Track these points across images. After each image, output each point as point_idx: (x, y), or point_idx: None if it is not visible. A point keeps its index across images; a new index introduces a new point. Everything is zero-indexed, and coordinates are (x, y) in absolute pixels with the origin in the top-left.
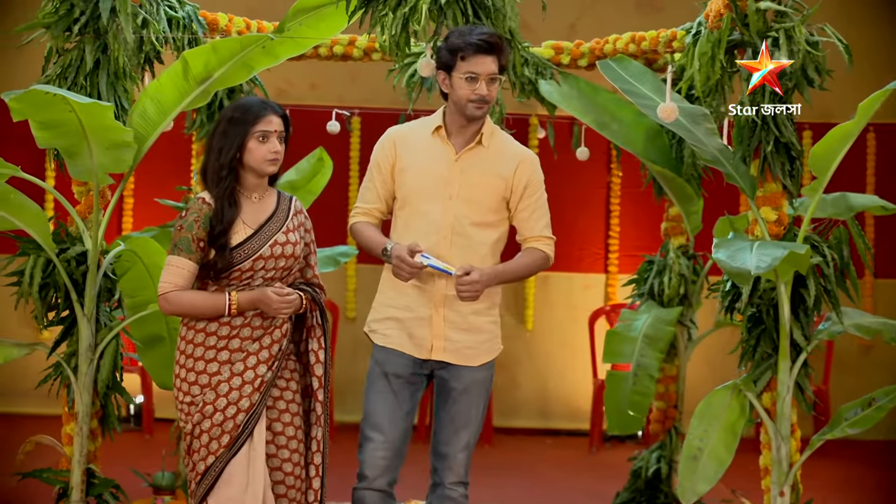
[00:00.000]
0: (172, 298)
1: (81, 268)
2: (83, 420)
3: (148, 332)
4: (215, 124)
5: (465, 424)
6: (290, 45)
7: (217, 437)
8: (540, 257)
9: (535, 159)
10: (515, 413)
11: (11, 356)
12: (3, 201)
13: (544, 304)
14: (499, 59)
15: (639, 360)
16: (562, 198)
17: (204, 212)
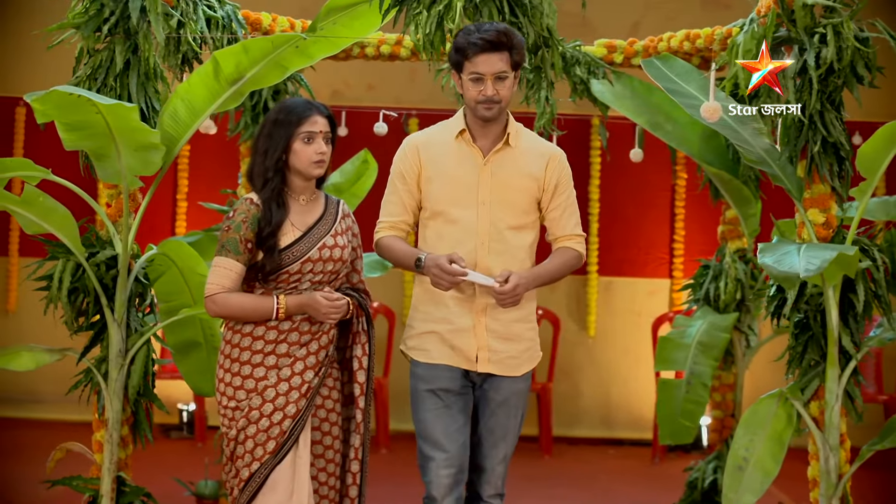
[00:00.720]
0: (220, 300)
1: (111, 272)
2: (113, 427)
3: (183, 337)
4: (260, 126)
5: (503, 436)
6: (325, 45)
7: (263, 444)
8: (574, 256)
9: (563, 156)
10: (577, 422)
11: (43, 361)
12: (30, 204)
13: (607, 310)
14: (509, 55)
15: (692, 367)
16: (625, 201)
17: (252, 213)
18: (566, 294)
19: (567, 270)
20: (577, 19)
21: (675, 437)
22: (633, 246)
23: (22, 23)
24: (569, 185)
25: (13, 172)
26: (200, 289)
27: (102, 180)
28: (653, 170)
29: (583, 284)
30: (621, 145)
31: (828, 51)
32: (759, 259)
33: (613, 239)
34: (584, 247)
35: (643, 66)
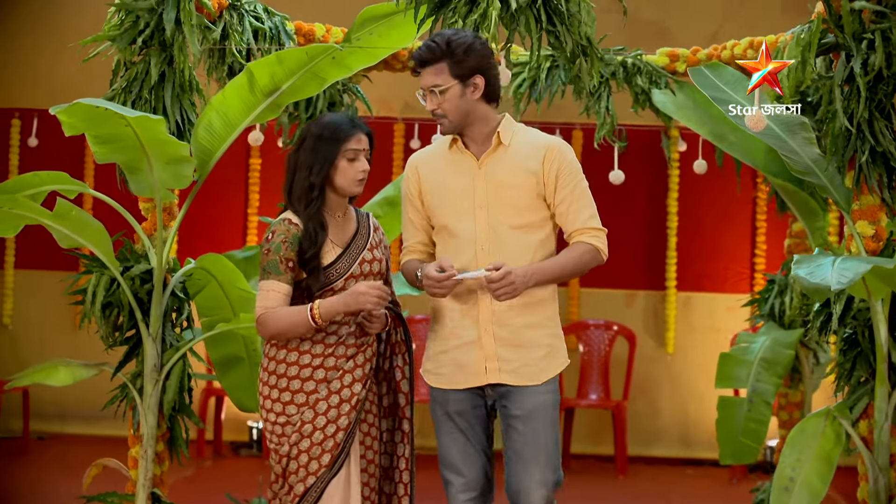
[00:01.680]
0: (264, 320)
1: (146, 286)
2: (148, 443)
3: (226, 352)
4: (299, 141)
5: (534, 457)
6: (362, 56)
7: (317, 457)
8: (586, 250)
9: (563, 145)
10: (655, 441)
11: (80, 376)
12: (64, 218)
13: (686, 326)
14: (447, 65)
15: (754, 385)
16: (704, 214)
17: (292, 233)
18: (643, 310)
19: (580, 266)
20: (656, 27)
21: (736, 457)
22: (713, 260)
23: (20, 35)
24: (573, 177)
25: (50, 186)
26: (241, 303)
27: (136, 193)
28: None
29: (661, 300)
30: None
31: (876, 57)
32: (793, 271)
33: (692, 253)
34: (602, 241)
35: (689, 75)
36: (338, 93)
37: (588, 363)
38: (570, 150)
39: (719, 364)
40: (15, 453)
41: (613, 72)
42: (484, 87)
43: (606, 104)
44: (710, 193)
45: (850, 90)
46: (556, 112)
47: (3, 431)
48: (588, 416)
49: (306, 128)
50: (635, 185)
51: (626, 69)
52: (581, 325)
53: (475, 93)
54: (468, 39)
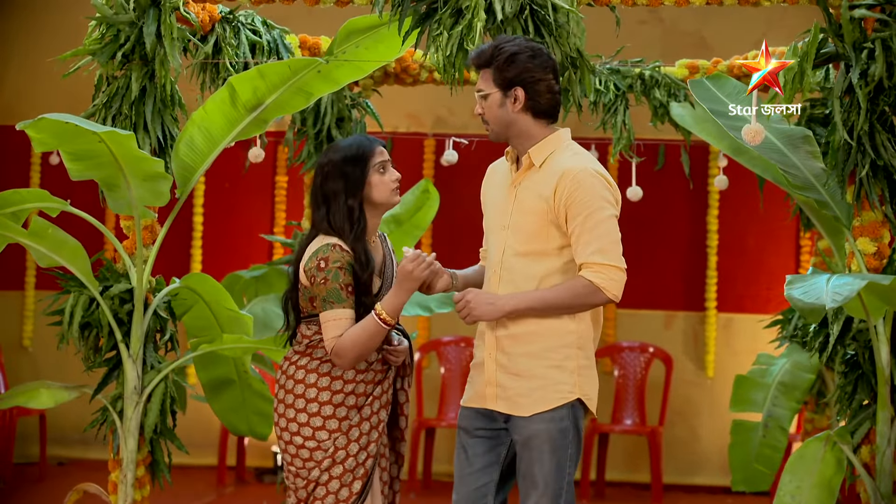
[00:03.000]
0: (338, 350)
1: (126, 306)
2: (127, 467)
3: (215, 374)
4: (321, 173)
5: (532, 485)
6: (349, 70)
7: (348, 484)
8: (582, 285)
9: (578, 173)
10: (695, 469)
11: (61, 399)
12: (40, 237)
13: (727, 349)
14: (491, 72)
15: (770, 409)
16: (746, 232)
17: (346, 259)
18: (682, 332)
19: (570, 301)
20: (694, 38)
21: (749, 484)
22: (755, 280)
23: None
24: (586, 207)
25: (30, 204)
26: (229, 324)
27: (114, 211)
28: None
29: (700, 321)
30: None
31: (876, 67)
32: (786, 291)
33: (734, 273)
34: (604, 277)
35: (689, 86)
36: (346, 108)
37: (623, 387)
38: (590, 178)
39: (734, 387)
40: (30, 480)
41: (631, 84)
42: (525, 101)
43: (623, 118)
44: (753, 210)
45: (850, 101)
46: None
47: (20, 457)
48: (624, 442)
49: (324, 160)
50: (674, 201)
51: (643, 81)
52: (615, 347)
53: (516, 104)
54: (515, 49)
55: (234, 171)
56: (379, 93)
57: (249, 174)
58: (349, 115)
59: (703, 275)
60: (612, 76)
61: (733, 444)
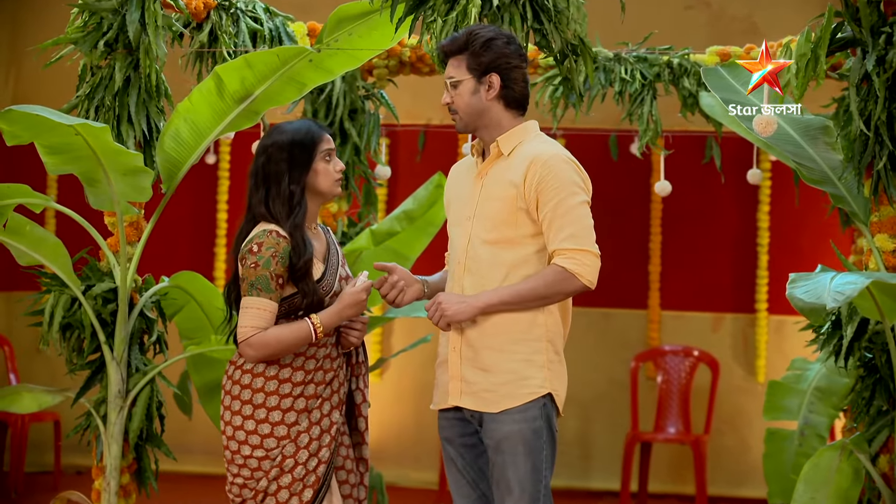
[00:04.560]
0: (255, 342)
1: (110, 306)
2: (110, 474)
3: (209, 378)
4: (263, 153)
5: (507, 488)
6: (343, 59)
7: (298, 493)
8: (553, 272)
9: (549, 159)
10: (744, 480)
11: (45, 403)
12: (18, 234)
13: (778, 354)
14: (464, 58)
15: (806, 416)
16: (798, 230)
17: (282, 246)
18: (731, 335)
19: (546, 289)
20: (744, 24)
21: (785, 496)
22: None
23: None
24: (557, 193)
25: (13, 200)
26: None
27: (95, 207)
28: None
29: (750, 324)
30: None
31: (894, 52)
32: (788, 290)
33: (786, 273)
34: (577, 263)
35: (702, 75)
36: (360, 99)
37: (666, 393)
38: (561, 163)
39: (767, 393)
40: (44, 489)
41: (658, 73)
42: (500, 89)
43: (650, 109)
44: (805, 206)
45: (867, 90)
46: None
47: (33, 465)
48: (669, 451)
49: (268, 141)
50: (722, 197)
51: (672, 70)
52: (658, 351)
53: (490, 92)
54: (491, 34)
55: None
56: (394, 83)
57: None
58: (362, 107)
59: (753, 274)
60: (638, 64)
61: (768, 454)
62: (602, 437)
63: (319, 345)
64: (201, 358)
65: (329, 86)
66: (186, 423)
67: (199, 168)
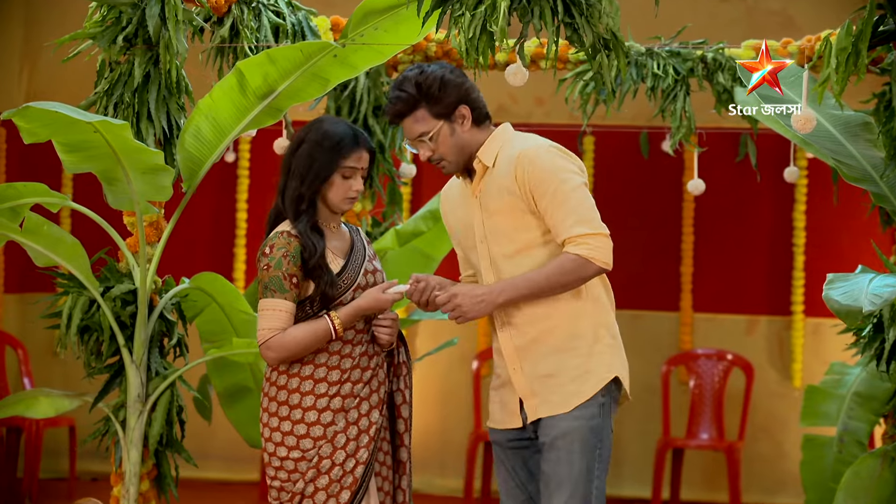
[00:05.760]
0: (275, 344)
1: (129, 308)
2: (130, 481)
3: (231, 382)
4: (296, 143)
5: (557, 486)
6: (368, 54)
7: (336, 495)
8: (567, 260)
9: (533, 150)
10: (779, 488)
11: (63, 408)
12: (35, 234)
13: (815, 357)
14: (426, 109)
15: (846, 422)
16: (836, 229)
17: (293, 245)
18: (765, 337)
19: (561, 277)
20: (780, 18)
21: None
22: None
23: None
24: (551, 182)
25: (29, 199)
26: (244, 327)
27: (114, 206)
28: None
29: (786, 327)
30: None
31: None
32: (824, 292)
33: (823, 274)
34: (589, 248)
35: (738, 69)
36: (384, 95)
37: (699, 398)
38: (545, 153)
39: (805, 398)
40: (58, 496)
41: (692, 68)
42: (471, 114)
43: (683, 105)
44: (844, 205)
45: None
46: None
47: (48, 472)
48: (701, 458)
49: (306, 129)
50: (757, 196)
51: (706, 65)
52: (690, 355)
53: (465, 123)
54: (437, 73)
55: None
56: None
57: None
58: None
59: (788, 276)
60: (671, 59)
61: (805, 462)
62: (633, 444)
63: (355, 342)
64: (223, 361)
65: (353, 82)
66: (204, 428)
67: (218, 166)
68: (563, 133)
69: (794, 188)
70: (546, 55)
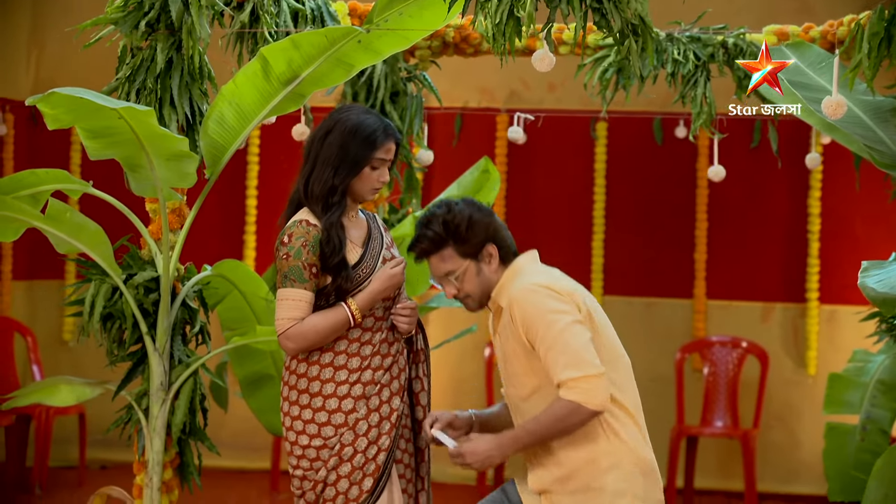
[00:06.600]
0: (293, 333)
1: (152, 296)
2: (153, 469)
3: (252, 370)
4: (326, 129)
5: None
6: (393, 39)
7: (358, 482)
8: (559, 407)
9: (519, 296)
10: (794, 477)
11: (84, 396)
12: (58, 221)
13: (830, 344)
14: (453, 248)
15: (868, 410)
16: (851, 215)
17: (312, 235)
18: (780, 325)
19: (556, 424)
20: (797, 4)
21: (847, 494)
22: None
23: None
24: (539, 325)
25: (50, 185)
26: (265, 315)
27: (137, 193)
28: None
29: (800, 314)
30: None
31: None
32: (860, 279)
33: (838, 261)
34: (580, 391)
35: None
36: (401, 81)
37: (713, 386)
38: (530, 295)
39: (828, 386)
40: (68, 485)
41: (713, 54)
42: (498, 253)
43: (704, 91)
44: (860, 191)
45: None
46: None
47: (58, 460)
48: (716, 446)
49: (336, 116)
50: (771, 182)
51: (727, 50)
52: (704, 342)
53: (492, 262)
54: (465, 213)
55: (289, 150)
56: (437, 64)
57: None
58: (404, 90)
59: (803, 262)
60: (691, 45)
61: (828, 450)
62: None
63: (374, 330)
64: (245, 349)
65: (370, 68)
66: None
67: None
68: (575, 119)
69: (810, 175)
70: (573, 40)
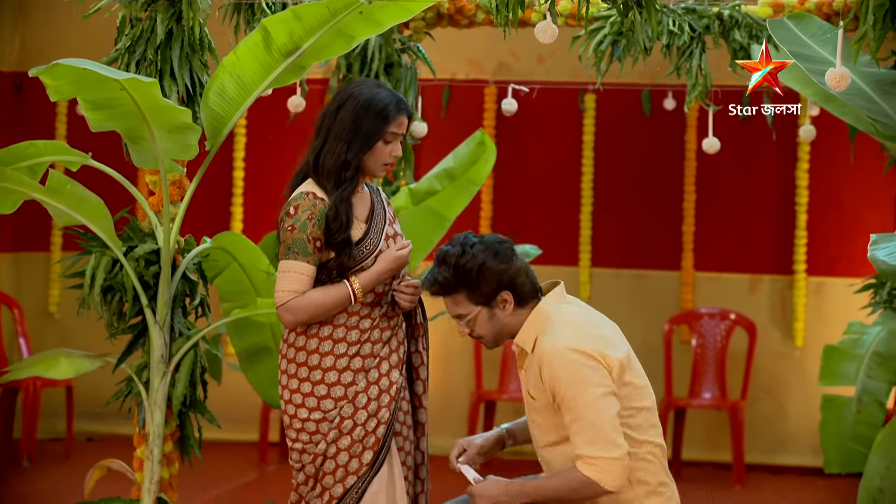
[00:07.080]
0: (293, 306)
1: (153, 268)
2: (153, 442)
3: (251, 343)
4: (338, 102)
5: None
6: (394, 10)
7: (358, 455)
8: (574, 479)
9: (553, 358)
10: (781, 448)
11: (83, 368)
12: (58, 193)
13: (817, 317)
14: (464, 295)
15: (864, 382)
16: (839, 187)
17: (318, 209)
18: (768, 297)
19: (569, 493)
20: None
21: (843, 466)
22: (850, 240)
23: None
24: (567, 392)
25: (48, 157)
26: (265, 287)
27: (138, 165)
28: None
29: (788, 286)
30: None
31: None
32: (869, 252)
33: (826, 233)
34: (598, 470)
35: (768, 27)
36: (395, 53)
37: (701, 357)
38: (563, 359)
39: (823, 358)
40: (56, 457)
41: (708, 25)
42: (513, 299)
43: (699, 62)
44: (847, 164)
45: None
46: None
47: (45, 433)
48: (703, 417)
49: (348, 90)
50: (759, 154)
51: (722, 22)
52: (693, 314)
53: (507, 307)
54: (478, 259)
55: (277, 123)
56: (431, 36)
57: (294, 125)
58: (398, 61)
59: (791, 235)
60: (686, 16)
61: (824, 422)
62: None
63: (374, 304)
64: (244, 321)
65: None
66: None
67: None
68: (564, 90)
69: (798, 147)
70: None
